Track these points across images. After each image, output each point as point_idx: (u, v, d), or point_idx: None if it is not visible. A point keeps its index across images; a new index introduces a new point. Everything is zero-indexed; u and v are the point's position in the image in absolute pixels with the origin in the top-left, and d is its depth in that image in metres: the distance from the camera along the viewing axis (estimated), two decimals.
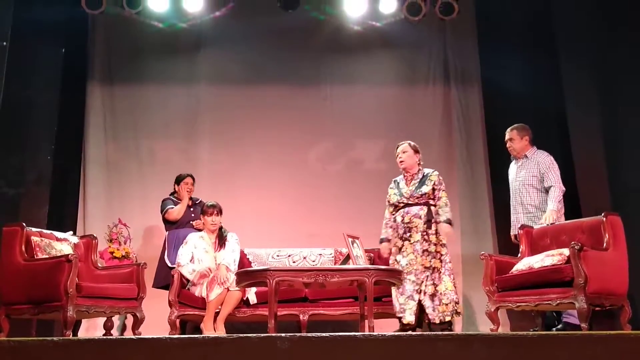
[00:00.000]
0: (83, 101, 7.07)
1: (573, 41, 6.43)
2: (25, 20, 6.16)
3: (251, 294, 5.40)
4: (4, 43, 5.89)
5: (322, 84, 7.33)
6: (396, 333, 2.94)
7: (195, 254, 5.47)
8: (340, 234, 4.96)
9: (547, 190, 5.35)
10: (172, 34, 7.12)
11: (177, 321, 5.31)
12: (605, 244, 4.72)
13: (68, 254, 4.59)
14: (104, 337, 4.61)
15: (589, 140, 6.28)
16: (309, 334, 2.91)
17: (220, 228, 5.64)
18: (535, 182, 5.42)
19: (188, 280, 5.47)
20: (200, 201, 6.05)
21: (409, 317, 4.93)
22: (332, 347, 2.85)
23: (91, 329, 6.26)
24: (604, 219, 4.81)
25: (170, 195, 6.12)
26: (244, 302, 5.40)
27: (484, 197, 7.08)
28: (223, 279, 5.22)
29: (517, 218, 5.47)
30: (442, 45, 7.40)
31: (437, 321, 4.90)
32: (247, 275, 4.57)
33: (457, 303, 4.99)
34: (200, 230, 5.82)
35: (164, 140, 7.13)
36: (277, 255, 6.13)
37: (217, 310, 5.22)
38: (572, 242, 4.53)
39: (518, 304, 4.76)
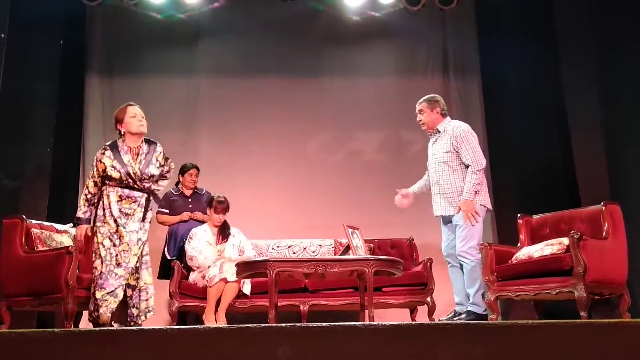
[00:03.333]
0: (82, 93, 7.06)
1: (573, 32, 6.41)
2: (23, 12, 6.13)
3: (246, 287, 5.39)
4: (2, 35, 5.86)
5: (321, 75, 7.31)
6: (397, 323, 2.94)
7: (198, 247, 5.49)
8: (340, 225, 4.95)
9: (467, 166, 4.80)
10: (171, 25, 7.10)
11: (178, 312, 5.34)
12: (604, 233, 4.73)
13: (68, 246, 4.60)
14: (105, 328, 4.62)
15: (588, 130, 6.27)
16: (310, 324, 2.92)
17: (224, 222, 5.66)
18: (448, 159, 4.86)
19: (188, 271, 5.51)
20: (205, 192, 6.05)
21: (107, 316, 4.24)
22: (332, 337, 2.86)
23: None
24: (604, 208, 4.83)
25: (175, 184, 6.12)
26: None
27: None
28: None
29: (435, 200, 4.96)
30: (441, 35, 7.37)
31: (143, 318, 4.42)
32: (247, 266, 4.57)
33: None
34: (199, 222, 5.84)
35: (162, 131, 7.05)
36: (277, 246, 6.15)
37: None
38: (572, 232, 4.54)
39: (517, 294, 4.78)
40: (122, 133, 4.50)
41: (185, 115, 7.16)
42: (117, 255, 4.28)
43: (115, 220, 4.30)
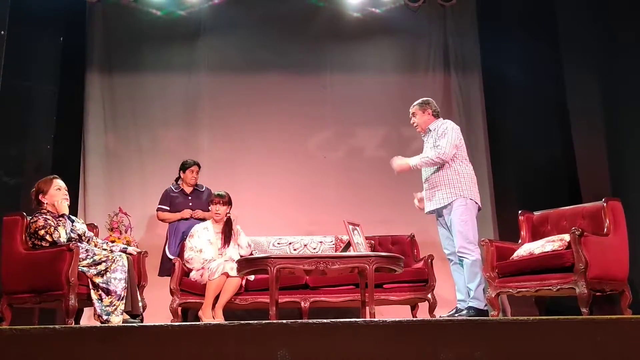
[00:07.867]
0: (82, 90, 7.06)
1: (575, 28, 6.40)
2: (23, 9, 6.12)
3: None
4: (2, 32, 5.85)
5: (321, 72, 7.30)
6: (397, 319, 2.94)
7: (198, 244, 5.48)
8: (341, 222, 4.94)
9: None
10: (171, 22, 7.10)
11: (179, 309, 5.34)
12: (605, 230, 4.73)
13: (69, 243, 4.59)
14: (106, 325, 4.62)
15: (589, 125, 6.26)
16: (310, 321, 2.92)
17: (229, 222, 5.63)
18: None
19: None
20: (206, 189, 6.05)
21: None
22: (333, 334, 2.86)
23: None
24: (605, 204, 4.82)
25: (175, 180, 6.11)
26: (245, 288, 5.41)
27: (484, 184, 7.04)
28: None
29: (426, 195, 5.01)
30: (442, 31, 7.36)
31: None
32: (248, 263, 4.57)
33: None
34: (199, 219, 5.83)
35: (163, 128, 7.12)
36: (278, 243, 6.14)
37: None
38: (573, 228, 4.53)
39: (518, 290, 4.78)
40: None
41: (186, 111, 7.16)
42: None
43: None
